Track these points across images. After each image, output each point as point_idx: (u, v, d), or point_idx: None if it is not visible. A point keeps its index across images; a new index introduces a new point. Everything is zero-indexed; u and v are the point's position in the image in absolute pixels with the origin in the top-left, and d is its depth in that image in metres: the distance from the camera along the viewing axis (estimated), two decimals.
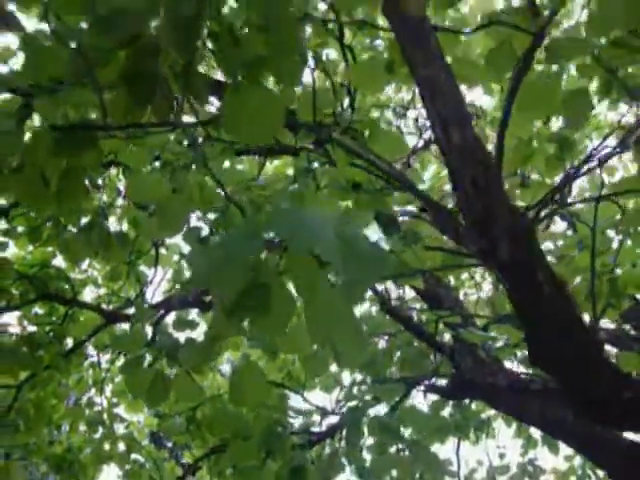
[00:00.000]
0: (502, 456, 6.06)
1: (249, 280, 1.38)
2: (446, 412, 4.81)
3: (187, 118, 2.22)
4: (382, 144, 2.62)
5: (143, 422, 6.31)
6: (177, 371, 3.13)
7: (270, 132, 1.90)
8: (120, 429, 5.52)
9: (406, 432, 3.55)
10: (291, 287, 1.48)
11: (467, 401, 4.52)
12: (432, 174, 6.48)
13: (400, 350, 4.02)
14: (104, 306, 4.97)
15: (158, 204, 2.81)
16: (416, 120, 6.27)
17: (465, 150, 2.35)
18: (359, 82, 2.58)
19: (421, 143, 6.12)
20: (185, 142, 2.78)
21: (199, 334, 3.67)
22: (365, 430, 3.24)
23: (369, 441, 3.58)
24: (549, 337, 2.65)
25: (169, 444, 6.04)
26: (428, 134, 5.94)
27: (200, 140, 2.74)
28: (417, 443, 3.57)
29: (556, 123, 3.14)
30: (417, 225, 2.76)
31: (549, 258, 4.48)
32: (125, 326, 4.85)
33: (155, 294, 11.74)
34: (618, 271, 3.45)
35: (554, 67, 2.13)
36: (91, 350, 5.38)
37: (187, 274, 5.15)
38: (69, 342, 4.81)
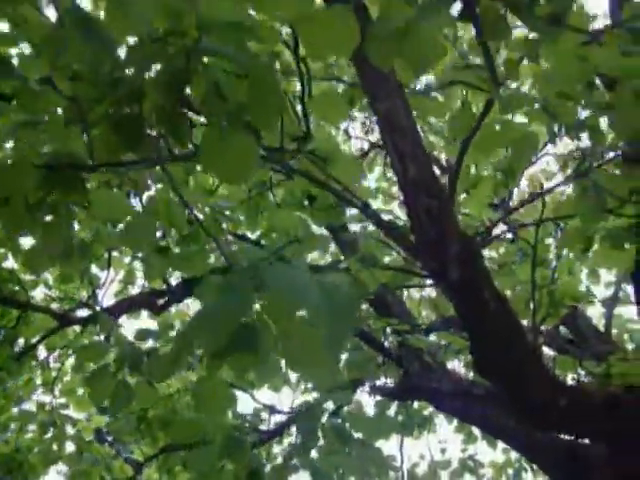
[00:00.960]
0: (443, 451, 6.38)
1: (238, 326, 1.57)
2: (391, 410, 5.09)
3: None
4: (340, 168, 2.81)
5: (90, 420, 6.39)
6: (138, 379, 3.28)
7: (247, 173, 2.08)
8: (69, 429, 5.61)
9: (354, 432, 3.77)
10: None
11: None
12: (378, 175, 6.74)
13: (348, 353, 4.24)
14: (56, 307, 5.05)
15: (125, 221, 2.94)
16: (363, 124, 6.49)
17: (420, 182, 2.56)
18: (319, 112, 2.77)
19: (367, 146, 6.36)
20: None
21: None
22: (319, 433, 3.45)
23: (319, 442, 3.79)
24: (493, 350, 2.90)
25: (115, 441, 6.16)
26: (375, 136, 6.18)
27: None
28: (363, 442, 3.79)
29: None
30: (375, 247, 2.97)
31: (490, 264, 4.77)
32: (77, 328, 4.95)
33: (106, 295, 11.71)
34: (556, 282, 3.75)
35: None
36: (41, 349, 5.46)
37: (139, 276, 5.27)
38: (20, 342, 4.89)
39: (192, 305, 5.82)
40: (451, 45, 3.42)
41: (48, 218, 2.09)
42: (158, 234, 3.30)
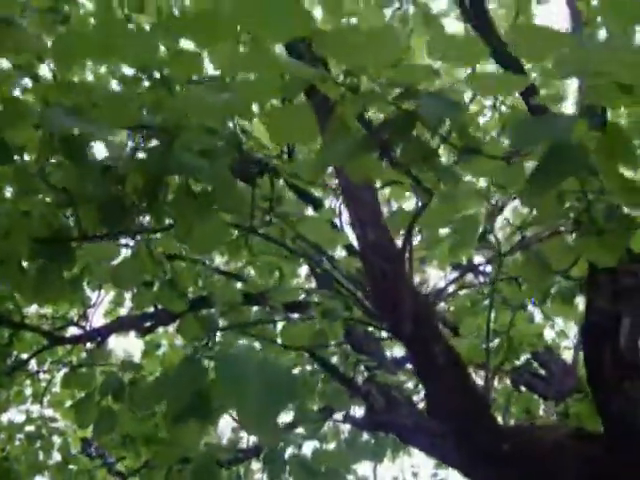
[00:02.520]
0: (416, 475, 6.70)
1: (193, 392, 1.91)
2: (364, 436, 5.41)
3: None
4: (309, 228, 3.15)
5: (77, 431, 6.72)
6: (121, 407, 3.63)
7: (217, 244, 2.42)
8: (56, 439, 5.94)
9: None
10: None
11: None
12: None
13: (320, 384, 4.58)
14: (48, 325, 5.38)
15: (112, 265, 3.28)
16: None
17: (378, 247, 2.90)
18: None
19: None
20: None
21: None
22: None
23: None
24: (442, 398, 3.23)
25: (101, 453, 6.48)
26: None
27: None
28: (332, 472, 4.12)
29: None
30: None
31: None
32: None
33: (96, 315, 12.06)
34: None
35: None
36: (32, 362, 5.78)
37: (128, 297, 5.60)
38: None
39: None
40: None
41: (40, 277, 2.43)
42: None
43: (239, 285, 4.15)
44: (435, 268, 3.85)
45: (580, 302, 3.87)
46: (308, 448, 5.37)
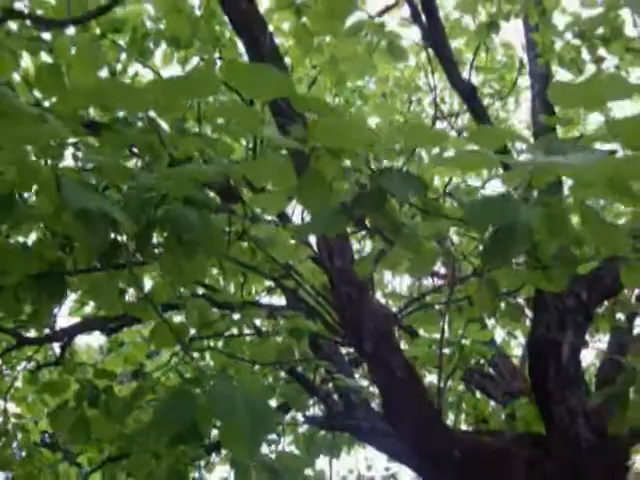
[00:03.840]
0: (370, 467, 7.09)
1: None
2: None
3: None
4: (279, 250, 3.43)
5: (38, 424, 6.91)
6: (96, 414, 3.88)
7: (199, 275, 2.69)
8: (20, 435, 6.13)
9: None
10: None
11: None
12: None
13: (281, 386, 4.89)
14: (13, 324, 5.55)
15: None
16: None
17: (344, 272, 3.20)
18: (260, 204, 3.37)
19: None
20: None
21: None
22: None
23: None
24: (398, 408, 3.56)
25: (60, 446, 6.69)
26: None
27: None
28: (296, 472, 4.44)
29: None
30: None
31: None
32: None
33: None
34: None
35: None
36: None
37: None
38: None
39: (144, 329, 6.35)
40: None
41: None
42: None
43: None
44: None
45: (528, 317, 4.24)
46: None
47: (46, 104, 3.70)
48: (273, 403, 5.30)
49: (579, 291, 3.83)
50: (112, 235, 2.46)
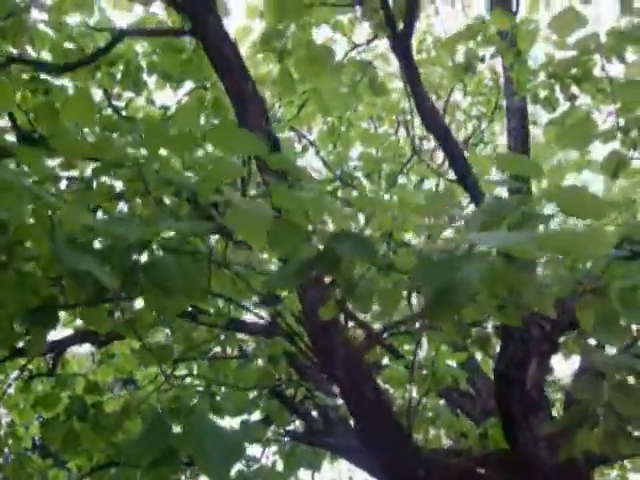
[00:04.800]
0: (351, 479, 7.40)
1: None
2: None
3: None
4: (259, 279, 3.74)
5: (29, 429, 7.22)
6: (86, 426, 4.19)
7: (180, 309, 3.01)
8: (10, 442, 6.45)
9: None
10: None
11: None
12: None
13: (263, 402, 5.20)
14: None
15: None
16: None
17: (317, 303, 3.51)
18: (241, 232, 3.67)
19: None
20: None
21: None
22: None
23: None
24: (371, 430, 3.86)
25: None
26: None
27: None
28: None
29: None
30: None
31: None
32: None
33: None
34: None
35: None
36: None
37: None
38: None
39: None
40: None
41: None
42: None
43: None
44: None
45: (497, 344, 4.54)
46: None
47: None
48: (257, 416, 5.61)
49: (543, 322, 4.13)
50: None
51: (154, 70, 4.26)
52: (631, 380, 2.86)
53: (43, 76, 3.62)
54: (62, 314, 5.19)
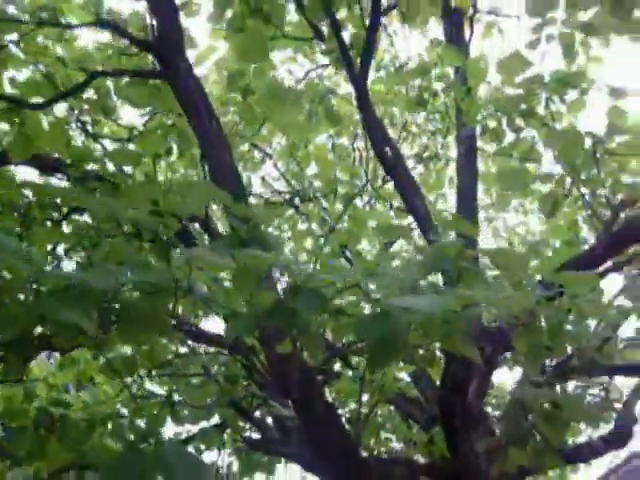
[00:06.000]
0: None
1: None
2: None
3: None
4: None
5: None
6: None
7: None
8: None
9: None
10: None
11: None
12: None
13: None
14: None
15: None
16: None
17: (276, 335, 3.86)
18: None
19: None
20: None
21: None
22: None
23: None
24: (322, 442, 4.24)
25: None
26: None
27: None
28: None
29: None
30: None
31: None
32: None
33: None
34: None
35: None
36: None
37: None
38: None
39: None
40: None
41: None
42: None
43: None
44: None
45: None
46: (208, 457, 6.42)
47: None
48: (215, 420, 5.96)
49: (485, 345, 4.53)
50: None
51: (121, 96, 4.54)
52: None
53: None
54: None
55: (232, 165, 3.75)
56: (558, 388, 5.08)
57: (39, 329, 3.37)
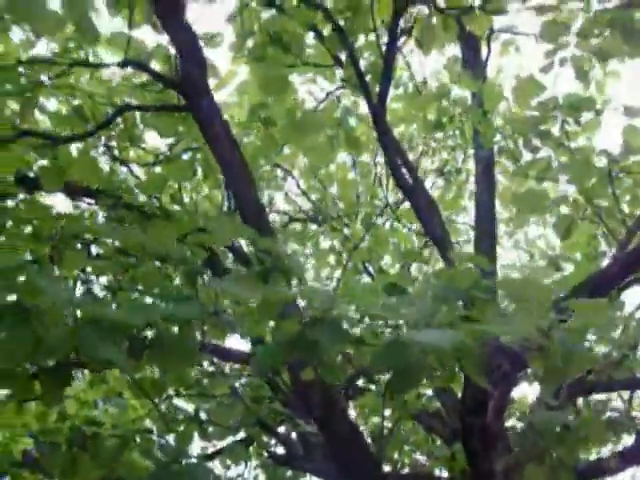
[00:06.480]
0: None
1: None
2: None
3: None
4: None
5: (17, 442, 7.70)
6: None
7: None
8: None
9: None
10: None
11: None
12: None
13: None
14: None
15: None
16: None
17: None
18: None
19: None
20: None
21: None
22: None
23: None
24: (343, 460, 4.42)
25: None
26: None
27: None
28: None
29: None
30: None
31: None
32: None
33: None
34: None
35: None
36: None
37: None
38: None
39: None
40: None
41: None
42: None
43: None
44: None
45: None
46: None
47: None
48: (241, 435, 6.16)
49: (502, 363, 4.68)
50: None
51: (148, 125, 4.76)
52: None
53: None
54: None
55: (255, 197, 3.94)
56: (577, 404, 5.23)
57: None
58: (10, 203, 4.79)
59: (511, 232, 8.02)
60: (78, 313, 2.91)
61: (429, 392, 6.33)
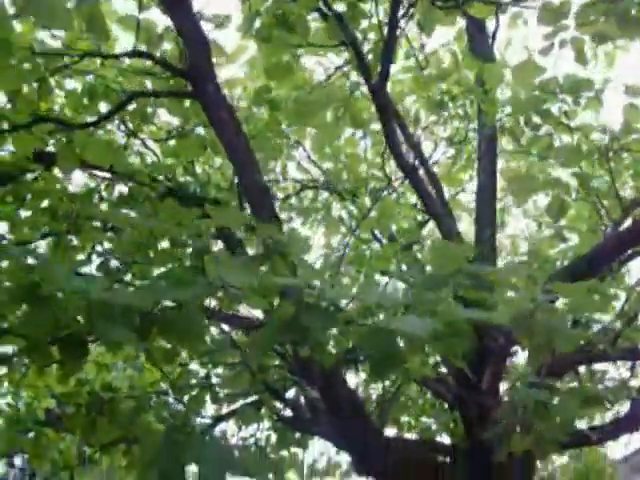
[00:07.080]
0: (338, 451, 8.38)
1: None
2: None
3: None
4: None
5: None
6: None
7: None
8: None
9: None
10: None
11: None
12: None
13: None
14: None
15: None
16: None
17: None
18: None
19: None
20: None
21: None
22: None
23: None
24: (345, 427, 4.74)
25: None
26: None
27: None
28: None
29: None
30: None
31: None
32: None
33: None
34: None
35: None
36: None
37: None
38: None
39: None
40: None
41: None
42: None
43: None
44: None
45: None
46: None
47: None
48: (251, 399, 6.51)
49: (497, 336, 4.96)
50: None
51: (159, 105, 5.01)
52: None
53: None
54: None
55: (259, 181, 4.18)
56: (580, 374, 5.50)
57: None
58: (29, 176, 5.10)
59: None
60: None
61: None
